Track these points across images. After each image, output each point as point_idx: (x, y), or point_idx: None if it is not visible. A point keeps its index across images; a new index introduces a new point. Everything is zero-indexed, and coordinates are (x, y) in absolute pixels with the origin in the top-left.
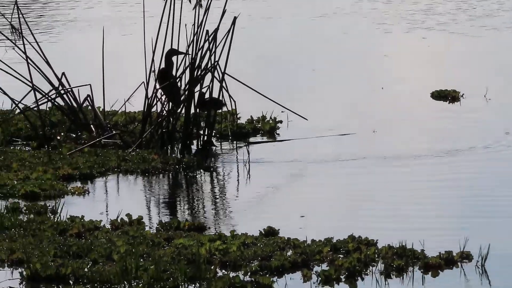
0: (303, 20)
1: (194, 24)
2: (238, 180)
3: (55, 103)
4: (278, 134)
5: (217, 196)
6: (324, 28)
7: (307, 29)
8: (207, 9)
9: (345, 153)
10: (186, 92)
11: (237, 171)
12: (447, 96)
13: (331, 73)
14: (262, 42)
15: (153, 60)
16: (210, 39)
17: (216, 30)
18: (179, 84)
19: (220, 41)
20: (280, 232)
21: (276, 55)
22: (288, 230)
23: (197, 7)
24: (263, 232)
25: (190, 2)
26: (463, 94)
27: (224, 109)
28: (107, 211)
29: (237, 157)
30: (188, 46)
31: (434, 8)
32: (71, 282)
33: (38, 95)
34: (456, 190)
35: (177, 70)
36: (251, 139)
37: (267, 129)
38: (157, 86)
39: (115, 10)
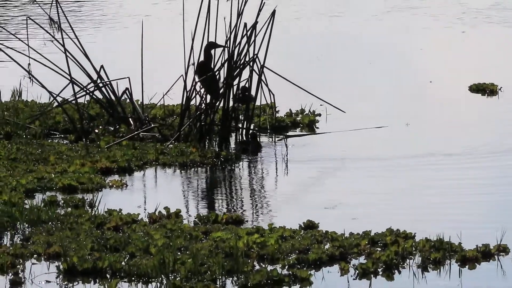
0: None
1: (231, 17)
2: (276, 173)
3: (93, 96)
4: (318, 127)
5: (255, 190)
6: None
7: (350, 27)
8: (245, 1)
9: (380, 148)
10: (225, 85)
11: (276, 165)
12: (485, 89)
13: (368, 67)
14: (302, 36)
15: (192, 53)
16: (248, 32)
17: (255, 23)
18: (218, 77)
19: (258, 33)
20: (319, 226)
21: (315, 50)
22: (325, 223)
23: None
24: (303, 226)
25: None
26: (501, 87)
27: (258, 103)
28: (145, 205)
29: (275, 150)
30: (227, 39)
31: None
32: (108, 276)
33: (76, 88)
34: (495, 186)
35: (215, 63)
36: (290, 133)
37: (306, 122)
38: (196, 79)
39: (154, 4)
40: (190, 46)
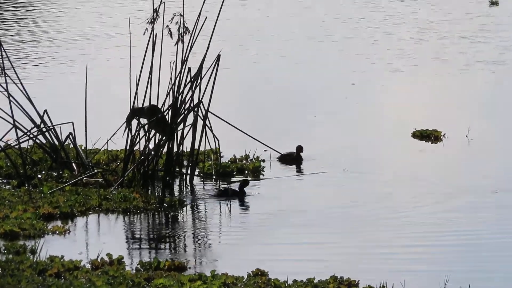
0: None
1: (176, 62)
2: (220, 219)
3: (37, 141)
4: (263, 173)
5: (199, 236)
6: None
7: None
8: (190, 46)
9: (322, 193)
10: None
11: (220, 210)
12: (429, 136)
13: (313, 108)
14: (246, 80)
15: (136, 98)
16: (193, 77)
17: (200, 68)
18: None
19: (202, 79)
20: (265, 274)
21: (259, 94)
22: (270, 271)
23: (179, 43)
24: (252, 274)
25: (172, 38)
26: (444, 133)
27: (208, 147)
28: (87, 251)
29: (220, 196)
30: (172, 86)
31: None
32: None
33: (20, 133)
34: (438, 233)
35: (162, 108)
36: (236, 178)
37: (251, 168)
38: (142, 122)
39: (101, 48)
40: (134, 92)
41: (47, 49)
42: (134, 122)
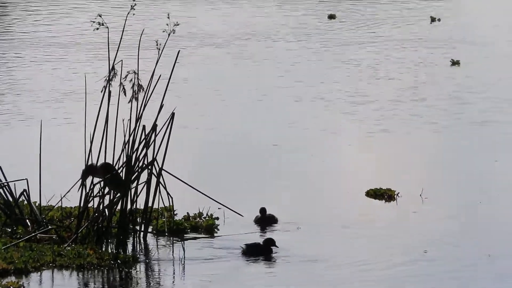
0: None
1: (130, 119)
2: (173, 276)
3: None
4: (217, 231)
5: None
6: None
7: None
8: (144, 104)
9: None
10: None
11: (173, 267)
12: (383, 194)
13: (267, 165)
14: (200, 137)
15: (90, 155)
16: (147, 134)
17: (154, 126)
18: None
19: (156, 136)
20: None
21: (214, 152)
22: None
23: (133, 101)
24: None
25: (126, 95)
26: (398, 193)
27: (162, 205)
28: None
29: (173, 253)
30: (125, 143)
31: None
32: None
33: None
34: None
35: (116, 165)
36: (188, 235)
37: (205, 226)
38: (96, 179)
39: (54, 103)
40: (88, 149)
41: (0, 106)
42: (89, 179)
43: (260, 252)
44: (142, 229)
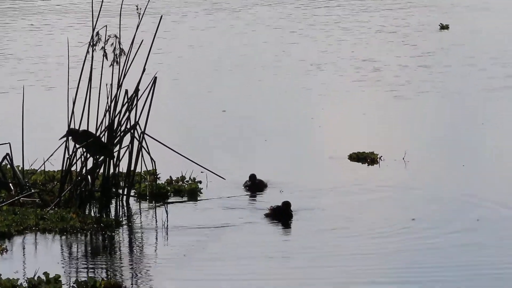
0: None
1: (112, 84)
2: (156, 240)
3: None
4: (200, 194)
5: (135, 256)
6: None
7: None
8: (127, 69)
9: (258, 214)
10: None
11: (156, 231)
12: (366, 158)
13: (249, 129)
14: (184, 102)
15: (72, 118)
16: (129, 99)
17: (136, 90)
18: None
19: (138, 100)
20: None
21: (197, 116)
22: None
23: (114, 65)
24: None
25: (107, 59)
26: (381, 156)
27: (144, 169)
28: (24, 270)
29: (156, 217)
30: (108, 108)
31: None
32: None
33: None
34: (375, 257)
35: (97, 129)
36: (172, 199)
37: (188, 189)
38: (77, 145)
39: (37, 67)
40: (71, 112)
41: None
42: (72, 143)
43: (283, 216)
44: (125, 193)
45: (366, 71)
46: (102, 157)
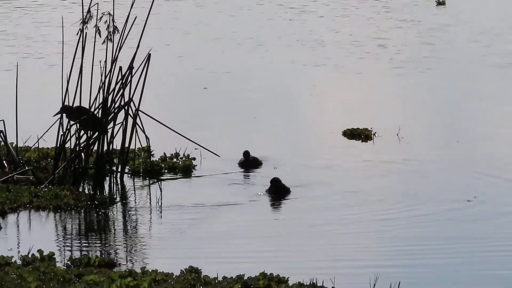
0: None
1: (106, 61)
2: (150, 217)
3: None
4: (194, 171)
5: (129, 233)
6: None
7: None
8: (120, 46)
9: (253, 191)
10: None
11: (150, 208)
12: (360, 134)
13: (250, 106)
14: (180, 79)
15: (66, 95)
16: (123, 75)
17: (130, 67)
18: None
19: (132, 77)
20: (198, 271)
21: (190, 93)
22: (204, 268)
23: (108, 42)
24: (184, 271)
25: (100, 36)
26: (375, 132)
27: (138, 145)
28: (18, 247)
29: (150, 194)
30: (102, 84)
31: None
32: None
33: None
34: (368, 231)
35: (91, 106)
36: (166, 176)
37: (182, 166)
38: (72, 122)
39: (33, 47)
40: (65, 89)
41: None
42: (66, 120)
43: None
44: (119, 170)
45: (367, 48)
46: (96, 134)
